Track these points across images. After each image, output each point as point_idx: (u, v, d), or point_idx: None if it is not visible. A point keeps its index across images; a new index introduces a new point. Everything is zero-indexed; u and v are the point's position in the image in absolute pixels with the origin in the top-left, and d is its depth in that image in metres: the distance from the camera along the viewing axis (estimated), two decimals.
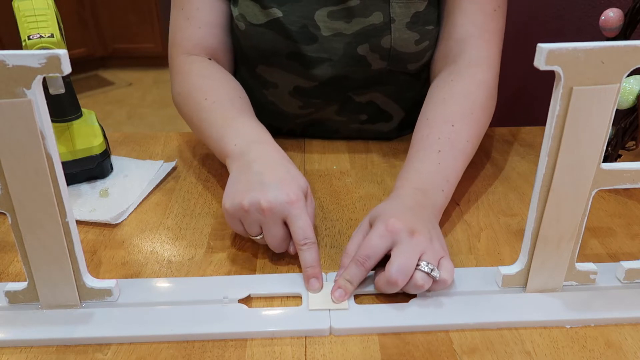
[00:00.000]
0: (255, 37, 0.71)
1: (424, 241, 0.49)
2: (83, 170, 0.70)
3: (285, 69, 0.74)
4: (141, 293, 0.51)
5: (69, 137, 0.69)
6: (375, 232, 0.50)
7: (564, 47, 0.40)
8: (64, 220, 0.46)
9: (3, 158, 0.43)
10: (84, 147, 0.69)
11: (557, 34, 1.10)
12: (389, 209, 0.53)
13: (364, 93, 0.77)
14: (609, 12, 0.63)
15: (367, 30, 0.69)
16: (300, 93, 0.77)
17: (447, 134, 0.61)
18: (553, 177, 0.45)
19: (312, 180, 0.72)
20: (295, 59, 0.72)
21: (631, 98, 0.62)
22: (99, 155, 0.70)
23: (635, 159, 0.71)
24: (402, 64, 0.73)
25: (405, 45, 0.70)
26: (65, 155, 0.68)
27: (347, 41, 0.70)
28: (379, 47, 0.70)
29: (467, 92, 0.65)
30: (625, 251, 0.58)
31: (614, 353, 0.45)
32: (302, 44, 0.70)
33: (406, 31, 0.69)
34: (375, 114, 0.80)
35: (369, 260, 0.49)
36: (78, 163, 0.69)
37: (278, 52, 0.71)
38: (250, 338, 0.47)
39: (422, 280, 0.48)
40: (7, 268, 0.56)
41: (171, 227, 0.63)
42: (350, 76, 0.74)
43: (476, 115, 0.63)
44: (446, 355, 0.45)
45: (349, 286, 0.50)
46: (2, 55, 0.39)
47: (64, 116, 0.69)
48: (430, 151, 0.60)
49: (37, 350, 0.46)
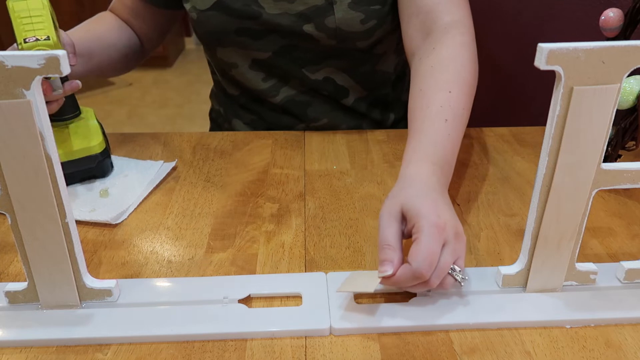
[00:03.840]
0: (205, 22, 0.78)
1: (463, 247, 0.49)
2: (83, 170, 0.70)
3: (238, 45, 0.80)
4: (141, 293, 0.51)
5: (68, 138, 0.69)
6: (431, 237, 0.46)
7: (564, 47, 0.40)
8: (64, 220, 0.46)
9: (2, 159, 0.43)
10: (83, 147, 0.69)
11: (557, 34, 1.10)
12: (425, 200, 0.49)
13: (318, 70, 0.81)
14: (609, 12, 0.63)
15: (310, 11, 0.73)
16: (258, 65, 0.82)
17: (447, 101, 0.60)
18: (553, 177, 0.45)
19: (312, 180, 0.72)
20: (244, 34, 0.78)
21: (631, 98, 0.62)
22: (98, 155, 0.70)
23: (635, 159, 0.71)
24: (350, 42, 0.76)
25: (350, 24, 0.73)
26: (65, 155, 0.68)
27: (292, 20, 0.75)
28: (325, 27, 0.74)
29: (453, 55, 0.64)
30: (625, 251, 0.58)
31: (614, 353, 0.45)
32: (248, 19, 0.76)
33: (349, 11, 0.72)
34: (334, 90, 0.84)
35: (431, 268, 0.46)
36: (77, 163, 0.69)
37: (227, 30, 0.78)
38: (250, 338, 0.47)
39: (451, 286, 0.48)
40: (7, 268, 0.56)
41: (171, 227, 0.63)
42: (300, 46, 0.78)
43: (467, 79, 0.63)
44: (446, 355, 0.45)
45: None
46: (1, 56, 0.39)
47: (62, 115, 0.69)
48: (437, 120, 0.59)
49: (37, 350, 0.46)
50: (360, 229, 0.62)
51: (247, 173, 0.73)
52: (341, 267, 0.56)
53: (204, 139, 0.82)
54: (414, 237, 0.47)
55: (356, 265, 0.56)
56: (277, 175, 0.73)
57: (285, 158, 0.77)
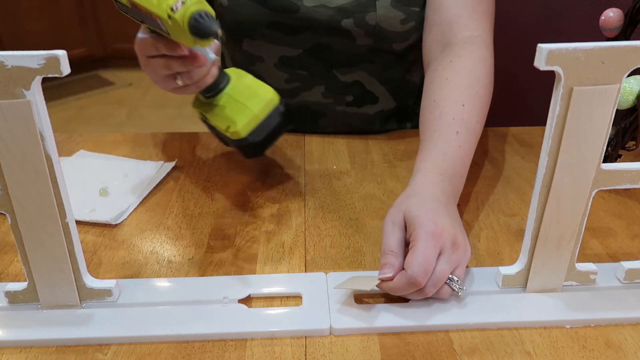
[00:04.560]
0: (236, 10, 0.74)
1: (463, 255, 0.49)
2: (274, 128, 0.60)
3: (268, 39, 0.76)
4: (141, 293, 0.51)
5: (240, 104, 0.58)
6: (427, 245, 0.47)
7: (564, 47, 0.40)
8: (64, 220, 0.46)
9: (2, 159, 0.43)
10: (262, 105, 0.59)
11: (557, 34, 1.10)
12: (425, 209, 0.50)
13: (349, 72, 0.79)
14: (609, 12, 0.63)
15: (351, 5, 0.71)
16: (286, 64, 0.79)
17: (460, 114, 0.60)
18: (553, 177, 0.45)
19: (312, 180, 0.72)
20: (277, 29, 0.74)
21: (631, 98, 0.62)
22: (279, 105, 0.60)
23: (635, 159, 0.71)
24: (387, 42, 0.74)
25: (390, 23, 0.72)
26: (249, 123, 0.58)
27: (330, 14, 0.72)
28: (364, 23, 0.72)
29: (470, 69, 0.64)
30: (625, 251, 0.58)
31: (614, 353, 0.45)
32: (284, 13, 0.73)
33: (391, 9, 0.71)
34: (360, 95, 0.82)
35: (426, 275, 0.46)
36: (265, 125, 0.59)
37: (259, 22, 0.74)
38: (250, 338, 0.47)
39: (447, 294, 0.48)
40: (7, 268, 0.56)
41: (171, 227, 0.62)
42: (334, 47, 0.76)
43: (481, 94, 0.63)
44: (446, 355, 0.45)
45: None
46: (1, 56, 0.39)
47: (219, 84, 0.60)
48: (448, 131, 0.59)
49: (37, 350, 0.46)
50: (360, 229, 0.62)
51: (247, 173, 0.73)
52: (341, 267, 0.56)
53: (204, 139, 0.82)
54: (410, 245, 0.48)
55: (356, 265, 0.56)
56: (277, 175, 0.73)
57: (286, 158, 0.77)
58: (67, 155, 0.77)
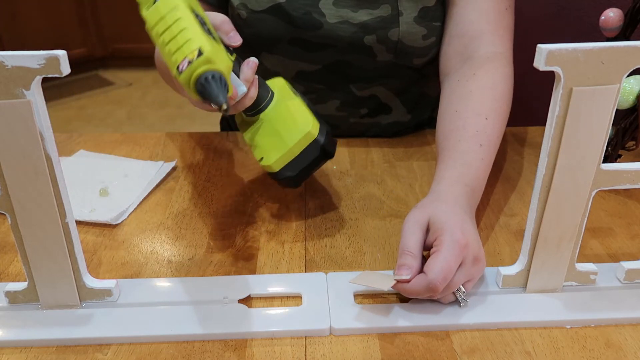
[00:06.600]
0: (256, 23, 0.71)
1: (479, 271, 0.49)
2: (310, 163, 0.55)
3: (287, 55, 0.74)
4: (141, 293, 0.51)
5: (273, 130, 0.53)
6: (451, 253, 0.46)
7: (564, 48, 0.40)
8: (64, 220, 0.46)
9: (3, 159, 0.43)
10: (298, 139, 0.53)
11: (557, 34, 1.10)
12: (454, 217, 0.50)
13: (366, 87, 0.78)
14: (609, 12, 0.63)
15: (375, 22, 0.70)
16: (303, 77, 0.77)
17: (483, 127, 0.60)
18: (553, 177, 0.45)
19: (312, 180, 0.72)
20: (298, 45, 0.73)
21: (631, 98, 0.62)
22: (318, 138, 0.54)
23: (635, 159, 0.71)
24: (408, 58, 0.73)
25: (413, 39, 0.71)
26: (282, 159, 0.53)
27: (353, 30, 0.71)
28: (387, 39, 0.71)
29: (493, 84, 0.64)
30: (625, 251, 0.58)
31: (614, 353, 0.45)
32: (305, 30, 0.71)
33: (414, 25, 0.70)
34: (375, 107, 0.81)
35: (445, 282, 0.46)
36: (300, 160, 0.54)
37: (280, 38, 0.72)
38: (250, 338, 0.47)
39: (448, 301, 0.49)
40: (7, 268, 0.56)
41: (171, 227, 0.63)
42: (354, 64, 0.74)
43: (502, 110, 0.63)
44: (446, 355, 0.45)
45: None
46: (1, 56, 0.39)
47: (259, 104, 0.54)
48: (473, 143, 0.59)
49: (37, 350, 0.46)
50: (360, 229, 0.62)
51: (247, 173, 0.73)
52: (341, 267, 0.56)
53: (204, 139, 0.82)
54: (434, 250, 0.48)
55: (356, 265, 0.56)
56: None
57: None
58: (67, 155, 0.77)
